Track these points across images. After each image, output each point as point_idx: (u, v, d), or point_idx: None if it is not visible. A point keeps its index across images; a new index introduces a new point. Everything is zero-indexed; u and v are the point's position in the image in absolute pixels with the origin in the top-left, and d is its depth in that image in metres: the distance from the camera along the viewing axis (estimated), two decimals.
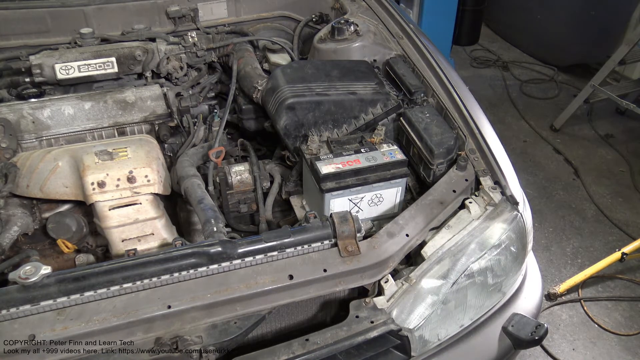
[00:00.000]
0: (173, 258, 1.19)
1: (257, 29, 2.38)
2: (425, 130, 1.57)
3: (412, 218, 1.39)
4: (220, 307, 1.19)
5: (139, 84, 1.98)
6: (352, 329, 1.25)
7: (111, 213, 1.43)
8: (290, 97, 1.65)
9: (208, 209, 1.41)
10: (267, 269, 1.23)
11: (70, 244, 1.50)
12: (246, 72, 1.97)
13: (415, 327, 1.30)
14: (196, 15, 2.24)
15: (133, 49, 1.94)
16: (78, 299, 1.14)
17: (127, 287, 1.16)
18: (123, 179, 1.41)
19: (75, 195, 1.45)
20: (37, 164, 1.46)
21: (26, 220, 1.48)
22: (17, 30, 2.05)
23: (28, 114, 1.62)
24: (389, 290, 1.31)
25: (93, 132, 1.70)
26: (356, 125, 1.71)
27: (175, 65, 2.04)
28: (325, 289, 1.26)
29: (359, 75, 1.78)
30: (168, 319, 1.16)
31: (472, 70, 5.17)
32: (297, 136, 1.66)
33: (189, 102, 1.88)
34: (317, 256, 1.27)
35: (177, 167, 1.62)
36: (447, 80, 1.71)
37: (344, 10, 2.20)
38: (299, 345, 1.21)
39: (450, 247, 1.37)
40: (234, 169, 1.69)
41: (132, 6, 2.17)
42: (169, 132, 1.77)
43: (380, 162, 1.48)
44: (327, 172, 1.44)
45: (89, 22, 2.11)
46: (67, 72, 1.86)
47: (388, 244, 1.32)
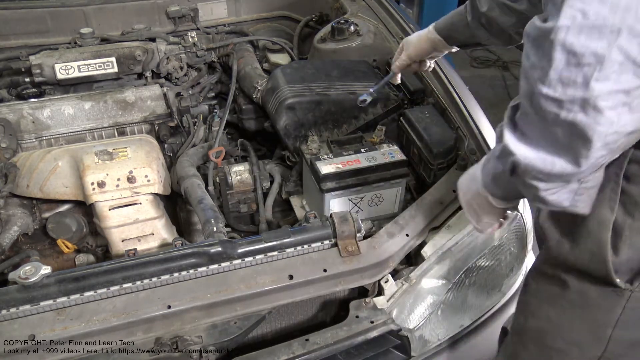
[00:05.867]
0: (173, 258, 1.19)
1: (257, 29, 2.38)
2: (425, 130, 1.57)
3: (412, 218, 1.39)
4: (220, 307, 1.19)
5: (139, 84, 1.98)
6: (352, 329, 1.25)
7: (111, 213, 1.43)
8: (290, 97, 1.65)
9: (208, 209, 1.41)
10: (267, 269, 1.23)
11: (70, 244, 1.50)
12: (246, 72, 1.97)
13: (415, 327, 1.31)
14: (196, 15, 2.24)
15: (133, 49, 1.94)
16: (78, 299, 1.14)
17: (127, 287, 1.16)
18: (123, 179, 1.41)
19: (75, 195, 1.45)
20: (37, 164, 1.46)
21: (26, 220, 1.48)
22: (17, 30, 2.05)
23: (28, 114, 1.61)
24: (389, 290, 1.31)
25: (93, 132, 1.70)
26: (356, 125, 1.71)
27: (175, 65, 2.04)
28: (325, 289, 1.26)
29: (359, 75, 1.78)
30: (168, 319, 1.16)
31: (472, 70, 5.17)
32: (297, 136, 1.66)
33: (189, 102, 1.88)
34: (317, 256, 1.27)
35: (177, 167, 1.62)
36: (447, 80, 1.71)
37: (344, 10, 2.20)
38: (299, 345, 1.21)
39: (450, 247, 1.37)
40: (234, 169, 1.69)
41: (132, 6, 2.18)
42: (169, 132, 1.77)
43: (380, 162, 1.48)
44: (327, 172, 1.44)
45: (89, 22, 2.11)
46: (67, 72, 1.86)
47: (388, 244, 1.32)
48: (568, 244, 0.88)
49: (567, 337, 0.93)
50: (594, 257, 0.84)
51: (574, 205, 0.80)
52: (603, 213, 0.82)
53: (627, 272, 0.82)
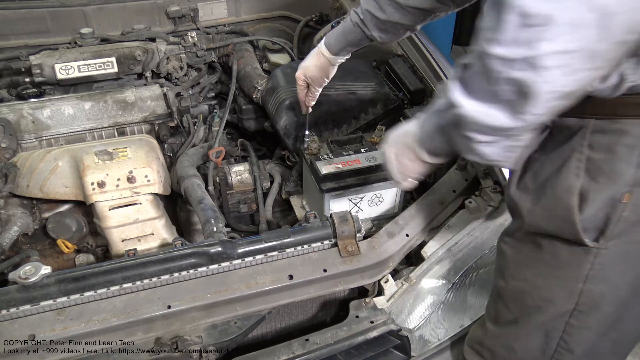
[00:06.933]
0: (173, 258, 1.19)
1: (257, 29, 2.38)
2: None
3: (412, 218, 1.39)
4: (220, 307, 1.19)
5: (139, 84, 1.98)
6: (352, 329, 1.25)
7: (111, 213, 1.43)
8: (290, 97, 1.65)
9: (208, 209, 1.41)
10: (267, 269, 1.23)
11: (70, 244, 1.50)
12: (246, 72, 1.97)
13: (415, 327, 1.30)
14: (196, 15, 2.24)
15: (133, 49, 1.94)
16: (78, 299, 1.14)
17: (127, 287, 1.16)
18: (123, 179, 1.41)
19: (75, 195, 1.45)
20: (37, 164, 1.46)
21: (26, 220, 1.48)
22: (17, 30, 2.05)
23: (28, 114, 1.62)
24: (389, 290, 1.31)
25: (93, 132, 1.70)
26: (356, 125, 1.71)
27: (175, 65, 2.04)
28: (325, 289, 1.26)
29: (359, 75, 1.78)
30: (168, 319, 1.16)
31: None
32: (297, 136, 1.66)
33: (189, 102, 1.89)
34: (317, 256, 1.27)
35: (177, 167, 1.62)
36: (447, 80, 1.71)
37: (344, 10, 2.20)
38: (299, 345, 1.21)
39: (450, 247, 1.37)
40: (234, 169, 1.69)
41: (132, 6, 2.18)
42: (169, 132, 1.77)
43: (380, 162, 1.48)
44: (327, 172, 1.44)
45: (89, 22, 2.11)
46: (67, 72, 1.86)
47: (388, 244, 1.32)
48: (540, 212, 0.96)
49: (543, 295, 1.01)
50: (564, 221, 0.91)
51: (502, 160, 0.89)
52: (570, 180, 0.89)
53: (593, 231, 0.90)
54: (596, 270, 0.93)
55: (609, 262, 0.92)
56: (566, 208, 0.90)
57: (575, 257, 0.94)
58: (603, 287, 0.95)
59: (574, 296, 0.96)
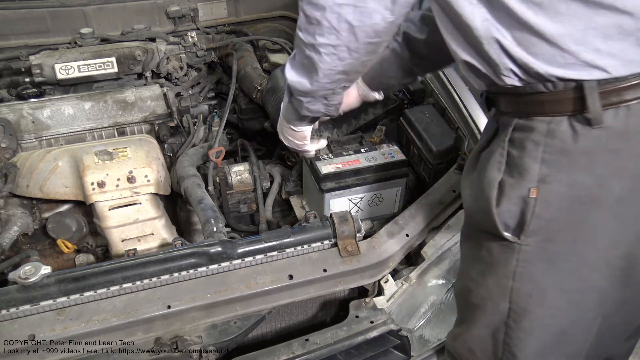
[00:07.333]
0: (173, 258, 1.19)
1: (257, 29, 2.38)
2: (425, 130, 1.57)
3: (412, 218, 1.39)
4: (220, 307, 1.19)
5: (139, 84, 1.98)
6: (352, 329, 1.25)
7: (111, 213, 1.43)
8: None
9: (208, 209, 1.41)
10: (267, 269, 1.23)
11: (70, 244, 1.50)
12: (246, 72, 1.97)
13: (415, 327, 1.30)
14: (196, 15, 2.24)
15: (133, 49, 1.94)
16: (78, 299, 1.14)
17: (127, 287, 1.16)
18: (123, 179, 1.41)
19: (75, 195, 1.45)
20: (37, 164, 1.46)
21: (26, 220, 1.48)
22: (17, 30, 2.05)
23: (28, 114, 1.62)
24: (388, 290, 1.31)
25: (93, 132, 1.70)
26: (356, 125, 1.70)
27: (175, 65, 2.04)
28: (325, 289, 1.26)
29: None
30: (168, 319, 1.16)
31: None
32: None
33: (189, 102, 1.88)
34: (317, 256, 1.27)
35: (177, 167, 1.62)
36: (447, 80, 1.71)
37: None
38: (299, 345, 1.21)
39: (450, 247, 1.37)
40: (234, 169, 1.69)
41: (132, 6, 2.17)
42: (169, 132, 1.77)
43: (380, 162, 1.48)
44: (327, 172, 1.44)
45: (89, 22, 2.11)
46: (67, 72, 1.86)
47: (388, 244, 1.32)
48: (472, 204, 1.02)
49: (483, 293, 1.03)
50: (485, 214, 0.95)
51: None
52: (492, 174, 0.94)
53: (514, 226, 0.93)
54: (522, 267, 0.96)
55: (531, 259, 0.95)
56: (486, 200, 0.94)
57: (504, 254, 0.97)
58: (530, 286, 0.97)
59: (507, 294, 0.99)
